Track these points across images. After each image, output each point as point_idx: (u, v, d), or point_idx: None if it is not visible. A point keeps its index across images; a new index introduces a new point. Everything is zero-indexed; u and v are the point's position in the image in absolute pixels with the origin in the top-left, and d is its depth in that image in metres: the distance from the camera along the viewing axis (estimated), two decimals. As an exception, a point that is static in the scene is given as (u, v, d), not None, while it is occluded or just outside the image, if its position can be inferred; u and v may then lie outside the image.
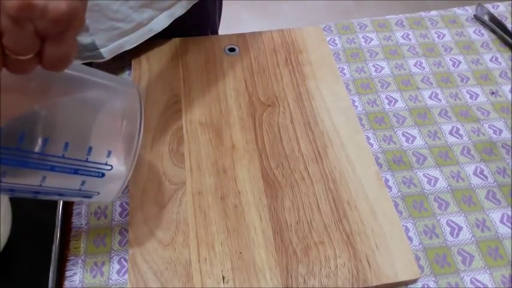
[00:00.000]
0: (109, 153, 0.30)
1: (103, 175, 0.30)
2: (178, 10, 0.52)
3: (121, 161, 0.31)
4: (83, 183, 0.30)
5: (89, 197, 0.32)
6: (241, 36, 0.56)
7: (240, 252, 0.39)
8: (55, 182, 0.30)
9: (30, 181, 0.29)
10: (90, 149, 0.29)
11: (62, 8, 0.23)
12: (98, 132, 0.30)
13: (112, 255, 0.40)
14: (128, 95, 0.32)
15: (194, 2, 0.54)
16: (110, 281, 0.39)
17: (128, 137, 0.31)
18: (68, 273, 0.39)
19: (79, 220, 0.42)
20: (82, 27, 0.25)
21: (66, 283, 0.38)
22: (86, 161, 0.29)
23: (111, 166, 0.30)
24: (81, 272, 0.39)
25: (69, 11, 0.23)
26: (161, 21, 0.51)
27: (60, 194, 0.31)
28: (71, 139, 0.28)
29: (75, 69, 0.29)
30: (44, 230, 0.40)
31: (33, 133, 0.27)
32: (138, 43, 0.51)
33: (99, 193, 0.32)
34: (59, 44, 0.24)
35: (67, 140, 0.28)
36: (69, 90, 0.29)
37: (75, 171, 0.29)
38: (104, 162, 0.30)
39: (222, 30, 0.65)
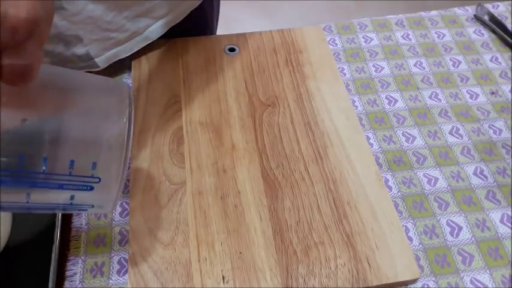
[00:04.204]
0: (94, 165, 0.28)
1: (92, 188, 0.29)
2: (174, 18, 0.52)
3: (111, 171, 0.29)
4: (72, 197, 0.29)
5: (84, 210, 0.31)
6: (241, 36, 0.56)
7: (240, 252, 0.39)
8: (42, 197, 0.28)
9: (16, 198, 0.27)
10: (72, 162, 0.27)
11: (22, 15, 0.21)
12: (79, 144, 0.28)
13: (112, 255, 0.40)
14: (115, 99, 0.30)
15: (190, 10, 0.53)
16: (110, 281, 0.39)
17: (116, 144, 0.29)
18: (68, 273, 0.39)
19: (79, 220, 0.42)
20: (45, 39, 0.23)
21: (66, 283, 0.38)
22: (70, 175, 0.27)
23: (99, 178, 0.29)
24: (81, 272, 0.39)
25: (29, 19, 0.21)
26: (157, 30, 0.51)
27: (52, 209, 0.30)
28: (50, 154, 0.26)
29: (48, 74, 0.27)
30: (44, 230, 0.40)
31: (10, 150, 0.25)
32: (134, 51, 0.51)
33: (93, 206, 0.31)
34: (18, 55, 0.22)
35: (46, 155, 0.26)
36: (47, 102, 0.27)
37: (60, 186, 0.28)
38: (90, 175, 0.28)
39: (222, 30, 0.65)
